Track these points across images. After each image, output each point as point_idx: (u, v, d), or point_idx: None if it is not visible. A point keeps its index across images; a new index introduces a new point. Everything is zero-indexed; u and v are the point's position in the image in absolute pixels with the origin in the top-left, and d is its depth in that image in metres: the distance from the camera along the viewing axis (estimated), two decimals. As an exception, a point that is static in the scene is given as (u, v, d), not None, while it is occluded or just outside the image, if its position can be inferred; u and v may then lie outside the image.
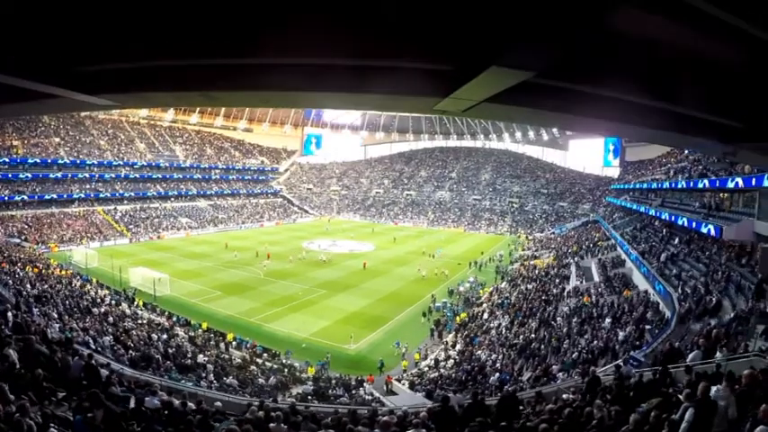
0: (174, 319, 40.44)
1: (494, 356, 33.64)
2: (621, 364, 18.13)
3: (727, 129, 13.82)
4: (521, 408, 13.64)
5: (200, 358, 30.01)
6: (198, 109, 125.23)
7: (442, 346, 39.59)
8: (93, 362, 14.01)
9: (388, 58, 8.45)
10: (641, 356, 22.18)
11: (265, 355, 35.79)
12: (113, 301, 39.18)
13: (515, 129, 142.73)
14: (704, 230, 35.09)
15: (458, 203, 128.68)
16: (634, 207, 68.31)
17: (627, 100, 11.47)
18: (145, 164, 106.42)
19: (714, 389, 9.22)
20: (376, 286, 55.35)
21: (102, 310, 34.23)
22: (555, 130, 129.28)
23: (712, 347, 17.28)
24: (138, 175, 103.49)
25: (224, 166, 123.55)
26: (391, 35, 7.84)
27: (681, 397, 10.37)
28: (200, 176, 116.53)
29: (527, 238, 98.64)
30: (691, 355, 16.59)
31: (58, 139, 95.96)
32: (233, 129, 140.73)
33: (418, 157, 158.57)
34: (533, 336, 35.74)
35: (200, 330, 38.37)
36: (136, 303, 42.94)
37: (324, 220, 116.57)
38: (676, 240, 44.96)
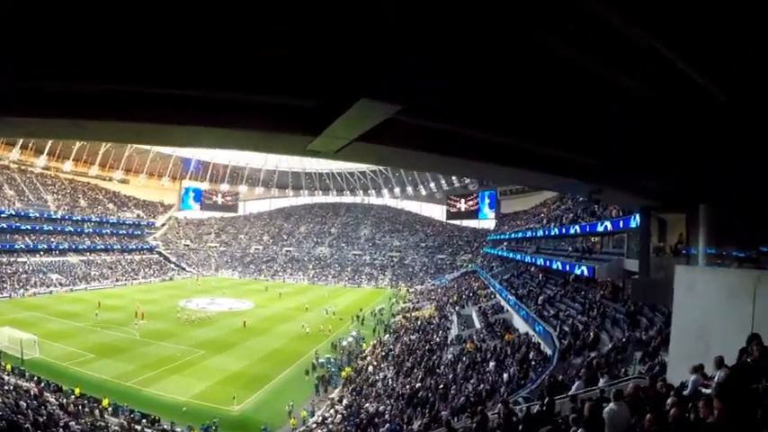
0: (44, 384, 37.08)
1: (382, 408, 33.23)
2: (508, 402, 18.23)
3: (589, 168, 14.55)
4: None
5: (74, 427, 27.67)
6: (72, 156, 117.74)
7: (329, 402, 38.75)
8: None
9: (261, 93, 8.27)
10: (527, 393, 22.54)
11: (144, 421, 33.51)
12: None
13: (394, 184, 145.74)
14: (578, 272, 36.76)
15: (338, 259, 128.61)
16: (511, 255, 70.77)
17: (497, 141, 11.84)
18: (13, 213, 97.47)
19: (608, 407, 9.32)
20: (257, 345, 53.61)
21: (-34, 376, 31.12)
22: (432, 185, 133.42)
23: (594, 376, 17.76)
24: (4, 225, 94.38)
25: (98, 219, 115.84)
26: (263, 70, 7.67)
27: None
28: (71, 229, 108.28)
29: (408, 290, 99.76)
30: (574, 386, 16.92)
31: None
32: (108, 179, 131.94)
33: (298, 213, 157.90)
34: (420, 385, 35.66)
35: (72, 396, 35.34)
36: (2, 367, 39.29)
37: (201, 279, 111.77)
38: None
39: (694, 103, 9.54)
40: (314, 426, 34.27)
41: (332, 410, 36.15)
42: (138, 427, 31.93)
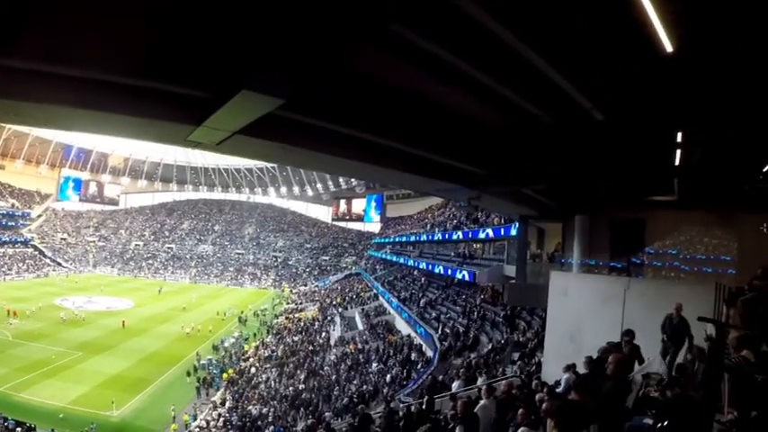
0: None
1: (265, 410, 33.04)
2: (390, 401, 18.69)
3: (472, 175, 15.22)
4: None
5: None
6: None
7: (211, 405, 38.01)
8: None
9: (147, 79, 8.14)
10: (408, 392, 23.12)
11: (19, 429, 31.51)
12: None
13: (281, 183, 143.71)
14: (459, 276, 37.84)
15: (221, 258, 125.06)
16: (394, 259, 71.92)
17: (377, 142, 12.20)
18: None
19: (480, 403, 9.89)
20: (137, 346, 51.25)
21: None
22: (319, 186, 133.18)
23: (473, 376, 18.51)
24: None
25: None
26: (152, 56, 7.60)
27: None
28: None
29: (291, 291, 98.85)
30: (454, 385, 17.57)
31: None
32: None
33: (181, 209, 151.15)
34: (303, 386, 35.75)
35: (-61, 403, 32.90)
36: None
37: (77, 276, 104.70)
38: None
39: (576, 122, 10.29)
40: (197, 430, 33.56)
41: (215, 413, 35.52)
42: (13, 437, 30.15)
